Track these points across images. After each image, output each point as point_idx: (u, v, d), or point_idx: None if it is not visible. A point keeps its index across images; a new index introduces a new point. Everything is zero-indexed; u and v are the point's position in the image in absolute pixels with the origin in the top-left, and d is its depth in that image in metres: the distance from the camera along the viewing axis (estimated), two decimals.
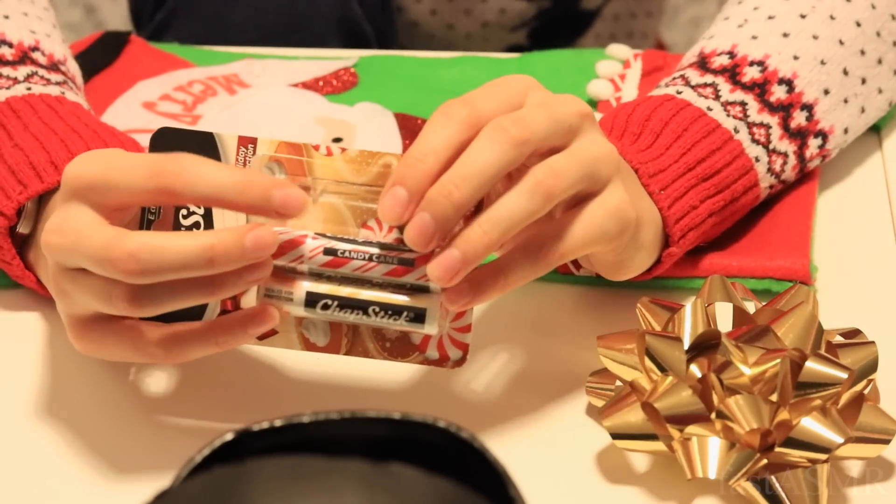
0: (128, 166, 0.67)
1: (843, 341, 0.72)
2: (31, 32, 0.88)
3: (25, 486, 0.72)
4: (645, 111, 0.81)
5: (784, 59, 0.84)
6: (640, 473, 0.72)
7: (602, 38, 1.25)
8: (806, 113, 0.84)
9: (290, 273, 0.69)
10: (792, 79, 0.84)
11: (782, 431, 0.69)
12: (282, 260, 0.68)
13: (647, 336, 0.71)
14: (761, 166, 0.82)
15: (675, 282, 0.82)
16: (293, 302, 0.69)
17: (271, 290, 0.69)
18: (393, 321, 0.69)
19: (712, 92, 0.83)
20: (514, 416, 0.75)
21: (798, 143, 0.84)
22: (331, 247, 0.68)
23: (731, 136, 0.81)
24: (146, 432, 0.74)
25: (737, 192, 0.81)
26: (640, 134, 0.80)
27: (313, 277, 0.69)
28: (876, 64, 0.87)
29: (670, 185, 0.78)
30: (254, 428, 0.58)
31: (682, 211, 0.78)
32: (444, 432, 0.58)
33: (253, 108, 0.97)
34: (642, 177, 0.77)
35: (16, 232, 0.78)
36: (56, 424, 0.75)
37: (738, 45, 0.85)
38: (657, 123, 0.80)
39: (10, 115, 0.81)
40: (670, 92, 0.83)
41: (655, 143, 0.79)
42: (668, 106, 0.81)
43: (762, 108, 0.83)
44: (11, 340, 0.80)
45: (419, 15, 1.20)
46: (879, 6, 0.88)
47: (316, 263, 0.68)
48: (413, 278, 0.68)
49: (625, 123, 0.80)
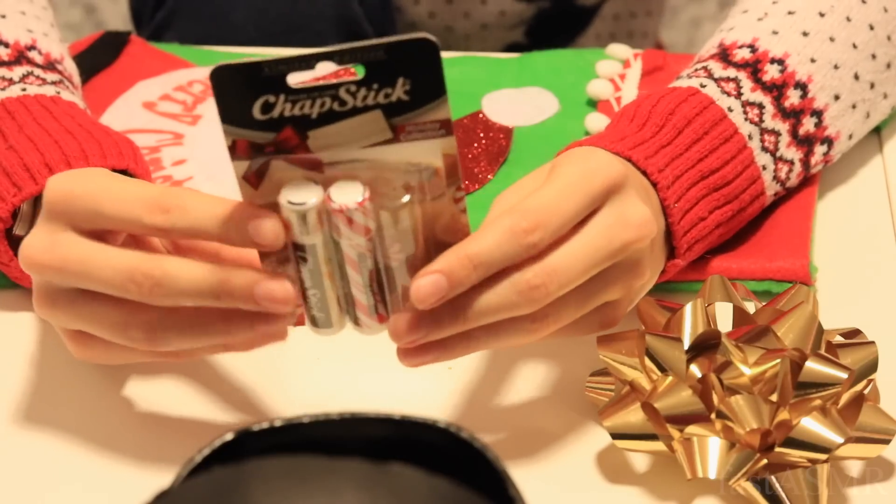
0: (121, 199, 0.67)
1: (843, 341, 0.72)
2: (28, 31, 0.88)
3: (25, 486, 0.72)
4: (669, 104, 0.80)
5: (802, 60, 0.84)
6: (640, 473, 0.72)
7: (602, 38, 1.25)
8: (815, 119, 0.84)
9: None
10: (807, 83, 0.83)
11: (782, 431, 0.69)
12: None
13: (647, 336, 0.71)
14: (767, 174, 0.82)
15: (675, 285, 0.81)
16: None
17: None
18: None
19: (735, 88, 0.82)
20: (514, 416, 0.75)
21: (805, 150, 0.83)
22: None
23: (745, 143, 0.80)
24: (146, 432, 0.74)
25: (744, 203, 0.81)
26: (662, 126, 0.79)
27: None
28: (885, 68, 0.87)
29: (683, 196, 0.77)
30: (254, 428, 0.58)
31: (690, 223, 0.78)
32: (444, 432, 0.58)
33: None
34: (661, 190, 0.76)
35: (12, 234, 0.78)
36: (55, 424, 0.75)
37: (759, 39, 0.85)
38: (680, 119, 0.79)
39: (5, 117, 0.81)
40: (694, 84, 0.82)
41: (676, 140, 0.78)
42: (693, 102, 0.80)
43: (776, 114, 0.82)
44: (10, 340, 0.80)
45: (417, 16, 1.20)
46: (891, 10, 0.88)
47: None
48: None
49: (647, 114, 0.80)
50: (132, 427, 0.75)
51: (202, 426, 0.74)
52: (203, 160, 0.92)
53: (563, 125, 0.94)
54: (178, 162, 0.92)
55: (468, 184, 0.90)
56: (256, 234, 0.65)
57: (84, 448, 0.74)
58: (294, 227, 0.66)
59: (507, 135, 0.94)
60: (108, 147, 0.79)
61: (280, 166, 0.66)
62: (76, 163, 0.77)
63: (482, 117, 0.95)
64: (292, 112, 0.63)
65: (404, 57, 0.63)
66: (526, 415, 0.75)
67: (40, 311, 0.71)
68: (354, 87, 0.63)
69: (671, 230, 0.77)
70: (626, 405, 0.70)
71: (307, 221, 0.65)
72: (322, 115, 0.64)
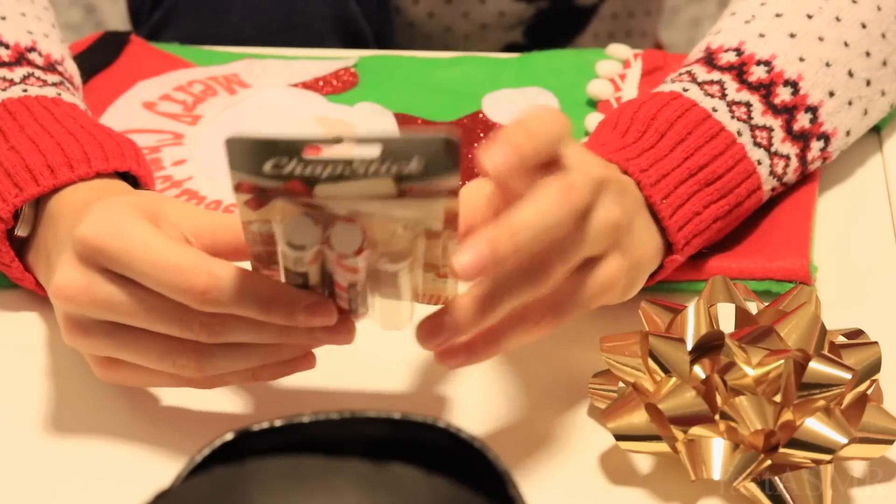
0: (155, 263, 0.67)
1: (846, 342, 0.72)
2: (29, 33, 0.87)
3: (25, 486, 0.72)
4: (651, 109, 0.81)
5: (790, 60, 0.84)
6: (644, 475, 0.72)
7: (600, 37, 1.25)
8: (810, 115, 0.84)
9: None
10: (797, 81, 0.84)
11: (786, 432, 0.69)
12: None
13: (650, 337, 0.70)
14: (764, 169, 0.82)
15: (676, 285, 0.81)
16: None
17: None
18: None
19: (719, 90, 0.82)
20: (515, 416, 0.75)
21: (800, 146, 0.83)
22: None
23: (735, 139, 0.81)
24: (146, 432, 0.74)
25: (741, 196, 0.80)
26: (644, 132, 0.79)
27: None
28: (881, 66, 0.87)
29: (672, 193, 0.77)
30: (254, 428, 0.57)
31: (685, 218, 0.78)
32: (444, 432, 0.58)
33: (253, 108, 0.97)
34: (644, 188, 0.77)
35: (14, 235, 0.78)
36: (56, 424, 0.75)
37: (746, 43, 0.85)
38: (662, 123, 0.80)
39: (6, 118, 0.81)
40: (676, 89, 0.83)
41: (659, 144, 0.79)
42: (674, 105, 0.81)
43: (766, 111, 0.82)
44: (11, 340, 0.80)
45: (417, 16, 1.20)
46: (885, 8, 0.88)
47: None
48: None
49: (629, 120, 0.80)
50: (132, 427, 0.74)
51: (202, 426, 0.74)
52: (203, 160, 0.92)
53: None
54: (177, 162, 0.92)
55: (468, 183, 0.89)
56: (310, 321, 0.67)
57: (84, 448, 0.74)
58: (289, 260, 0.66)
59: None
60: (110, 149, 0.79)
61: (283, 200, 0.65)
62: (78, 165, 0.77)
63: (482, 117, 0.95)
64: (303, 172, 0.63)
65: (423, 145, 0.61)
66: (527, 415, 0.75)
67: (71, 341, 0.70)
68: (370, 161, 0.62)
69: (663, 226, 0.77)
70: (629, 406, 0.70)
71: (303, 260, 0.66)
72: (332, 177, 0.63)
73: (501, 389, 0.76)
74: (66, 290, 0.69)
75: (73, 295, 0.68)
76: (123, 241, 0.68)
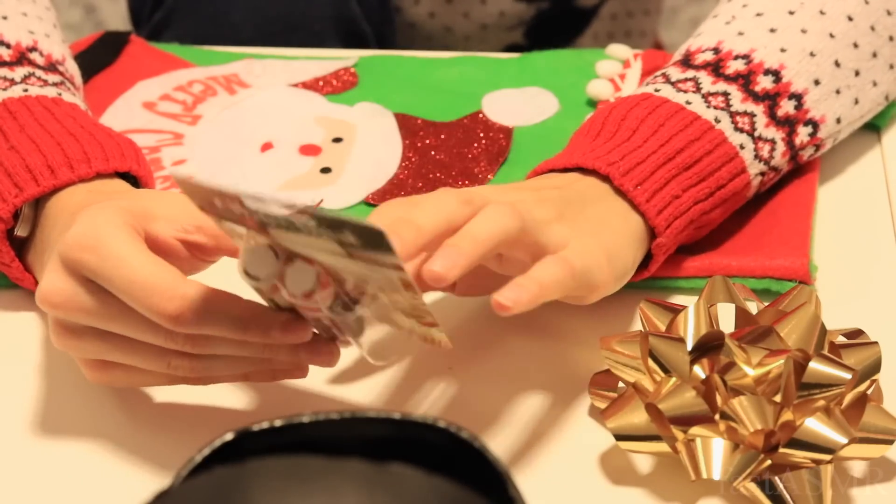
0: (131, 280, 0.67)
1: (846, 342, 0.72)
2: (30, 33, 0.88)
3: (25, 487, 0.72)
4: (621, 111, 0.81)
5: (770, 51, 0.84)
6: (644, 475, 0.72)
7: (599, 37, 1.25)
8: (794, 102, 0.84)
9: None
10: (779, 70, 0.84)
11: (786, 432, 0.68)
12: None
13: (650, 337, 0.70)
14: (747, 153, 0.82)
15: (675, 282, 0.81)
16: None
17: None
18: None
19: (693, 85, 0.83)
20: (515, 416, 0.75)
21: (786, 131, 0.83)
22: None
23: (712, 125, 0.81)
24: (146, 432, 0.74)
25: (722, 180, 0.80)
26: (615, 132, 0.80)
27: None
28: (870, 57, 0.87)
29: (648, 179, 0.78)
30: (254, 428, 0.57)
31: (663, 202, 0.78)
32: (444, 432, 0.58)
33: (253, 108, 0.97)
34: (615, 178, 0.77)
35: (14, 235, 0.78)
36: (55, 424, 0.75)
37: (724, 42, 0.85)
38: (633, 121, 0.80)
39: (7, 117, 0.81)
40: (648, 90, 0.83)
41: (632, 138, 0.79)
42: (645, 105, 0.81)
43: (746, 98, 0.82)
44: (10, 340, 0.80)
45: (417, 17, 1.20)
46: (873, 1, 0.88)
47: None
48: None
49: (601, 125, 0.81)
50: (132, 427, 0.74)
51: (202, 426, 0.74)
52: (203, 160, 0.92)
53: (563, 125, 0.94)
54: (177, 162, 0.92)
55: (468, 183, 0.89)
56: (286, 339, 0.68)
57: (84, 448, 0.73)
58: (250, 287, 0.66)
59: (506, 135, 0.93)
60: (110, 149, 0.79)
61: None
62: (78, 165, 0.77)
63: (482, 117, 0.95)
64: (252, 216, 0.63)
65: (353, 226, 0.60)
66: (526, 415, 0.75)
67: (61, 345, 0.71)
68: (311, 224, 0.61)
69: (640, 211, 0.77)
70: (629, 406, 0.70)
71: (262, 290, 0.66)
72: (280, 226, 0.63)
73: (501, 389, 0.76)
74: (52, 297, 0.69)
75: (59, 303, 0.69)
76: (101, 257, 0.68)
